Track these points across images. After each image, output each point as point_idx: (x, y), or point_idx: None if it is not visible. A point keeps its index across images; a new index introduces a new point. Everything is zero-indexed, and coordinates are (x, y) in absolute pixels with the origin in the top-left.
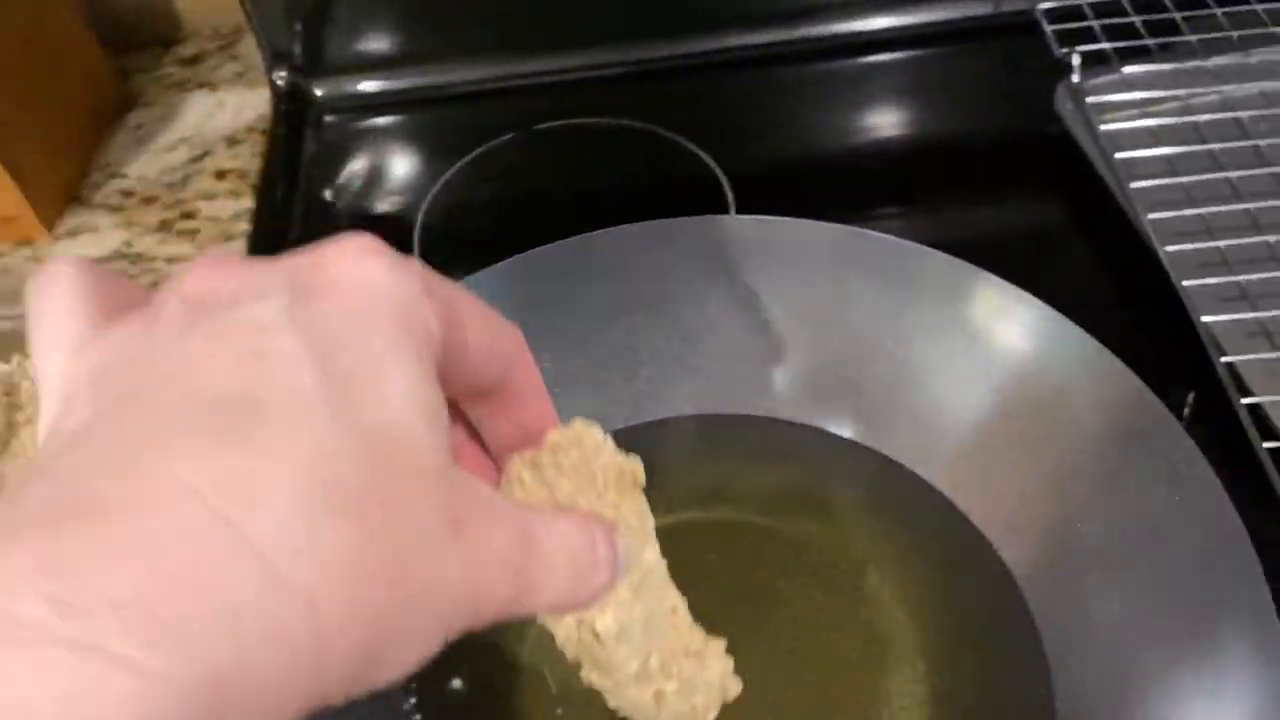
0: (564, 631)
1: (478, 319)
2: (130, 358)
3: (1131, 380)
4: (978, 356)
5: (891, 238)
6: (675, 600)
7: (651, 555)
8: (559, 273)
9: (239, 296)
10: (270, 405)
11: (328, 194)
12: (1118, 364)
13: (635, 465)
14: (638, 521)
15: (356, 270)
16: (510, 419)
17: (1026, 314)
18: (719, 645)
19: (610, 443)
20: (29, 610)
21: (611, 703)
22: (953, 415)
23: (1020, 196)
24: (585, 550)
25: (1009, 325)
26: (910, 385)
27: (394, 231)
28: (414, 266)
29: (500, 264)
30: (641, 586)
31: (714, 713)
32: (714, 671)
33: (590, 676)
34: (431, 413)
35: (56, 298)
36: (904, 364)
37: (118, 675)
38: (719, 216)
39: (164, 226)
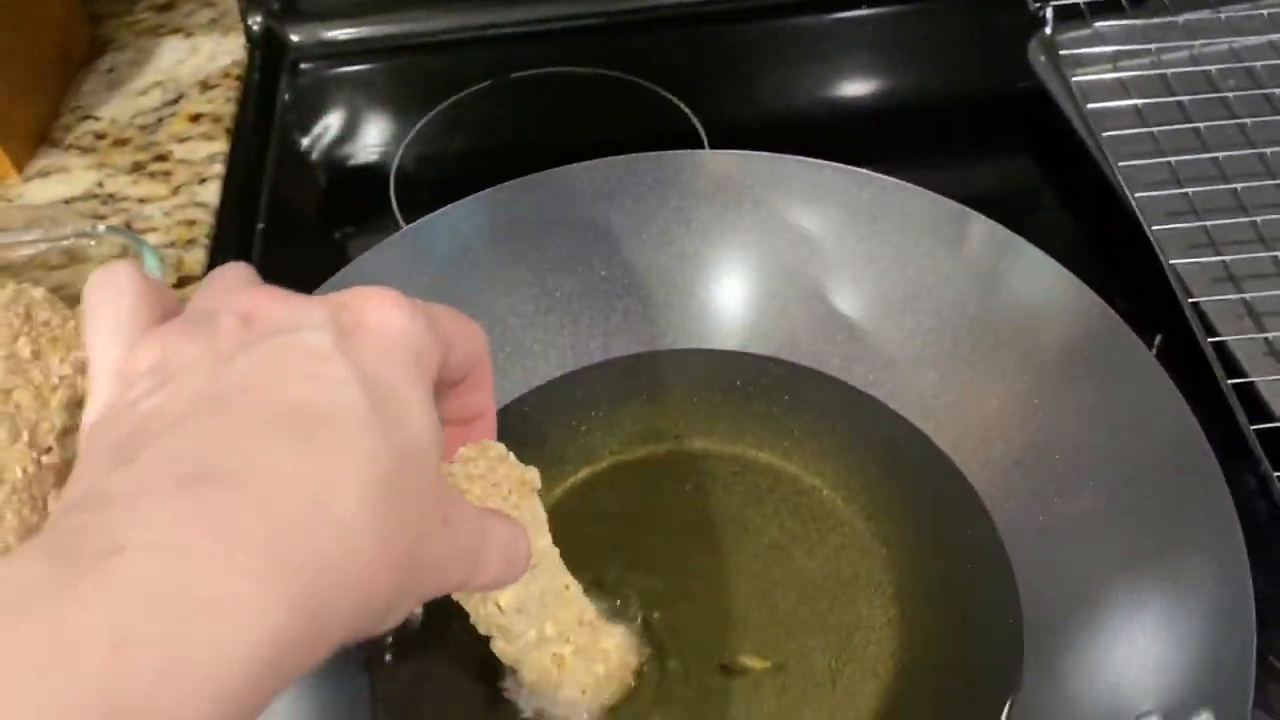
0: (474, 608)
1: (462, 336)
2: (193, 360)
3: (1098, 304)
4: (947, 287)
5: (863, 170)
6: (568, 580)
7: (544, 543)
8: (529, 207)
9: (289, 323)
10: (334, 417)
11: (303, 140)
12: (1086, 290)
13: (533, 474)
14: (533, 518)
15: (380, 316)
16: (464, 401)
17: (996, 243)
18: (615, 628)
19: (511, 456)
20: (203, 544)
21: (524, 677)
22: (922, 345)
23: (994, 147)
24: (512, 544)
25: (979, 255)
26: (880, 317)
27: (370, 177)
28: (421, 313)
29: (470, 198)
30: (536, 569)
31: (617, 685)
32: (612, 642)
33: (499, 647)
34: (436, 432)
35: (116, 296)
36: (874, 296)
37: (261, 592)
38: (692, 151)
39: (136, 168)
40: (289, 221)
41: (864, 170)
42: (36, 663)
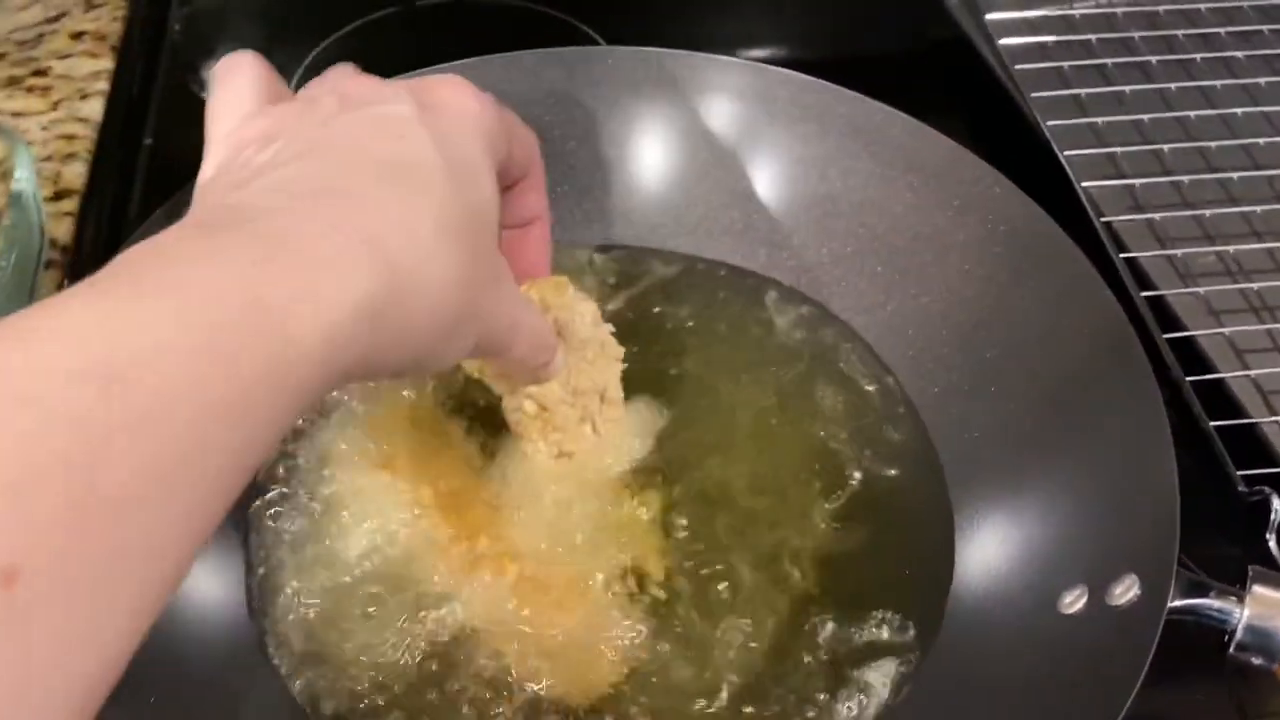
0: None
1: (523, 135)
2: (298, 126)
3: (1020, 198)
4: (877, 188)
5: (798, 74)
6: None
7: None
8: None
9: (378, 98)
10: (417, 168)
11: (195, 61)
12: (1008, 184)
13: (591, 307)
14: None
15: (456, 98)
16: (523, 201)
17: (924, 143)
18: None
19: (571, 288)
20: (320, 226)
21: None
22: (844, 244)
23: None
24: (542, 334)
25: (907, 155)
26: (812, 219)
27: None
28: (492, 103)
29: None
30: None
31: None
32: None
33: (524, 403)
34: (497, 204)
35: (237, 73)
36: (807, 197)
37: (364, 262)
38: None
39: (12, 82)
40: (178, 142)
41: (796, 73)
42: (192, 258)
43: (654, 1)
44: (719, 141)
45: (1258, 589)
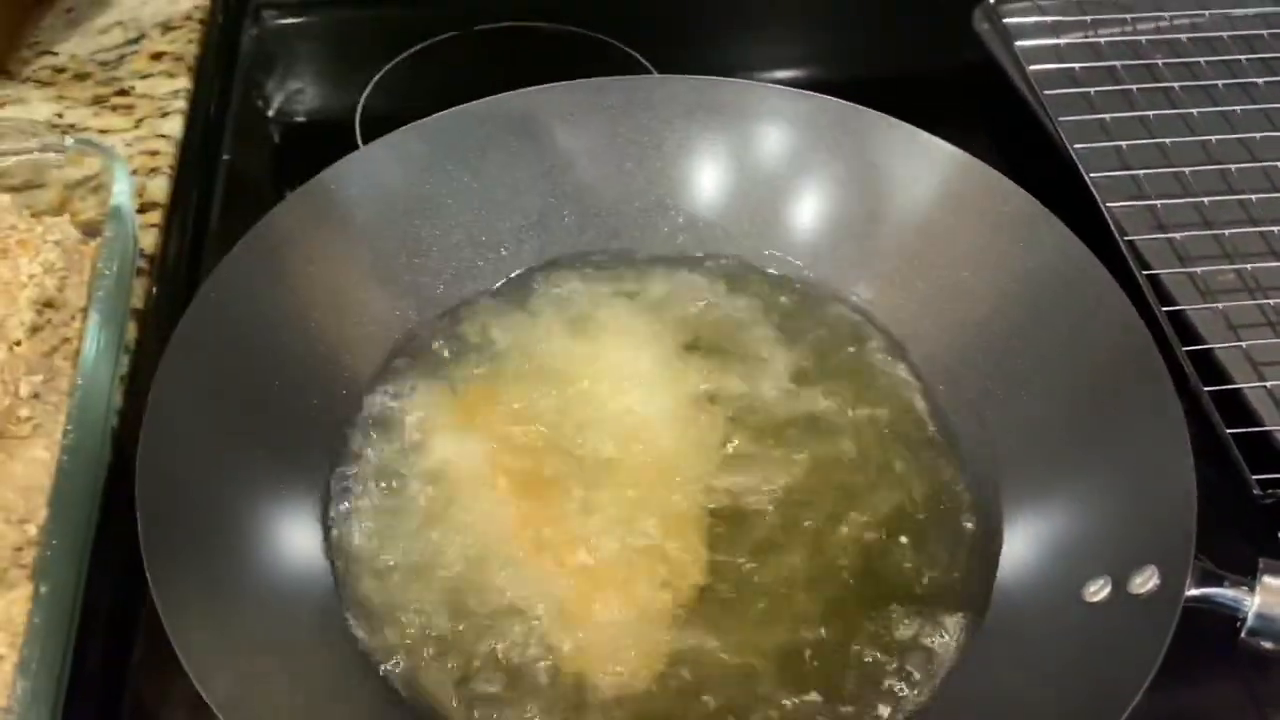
0: None
1: None
2: None
3: (1051, 220)
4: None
5: (840, 100)
6: None
7: None
8: (507, 123)
9: None
10: None
11: (266, 82)
12: (1040, 206)
13: None
14: None
15: None
16: None
17: (961, 167)
18: None
19: None
20: None
21: None
22: (893, 263)
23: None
24: None
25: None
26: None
27: (334, 117)
28: None
29: (453, 110)
30: None
31: None
32: None
33: None
34: None
35: None
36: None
37: None
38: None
39: (97, 101)
40: (253, 158)
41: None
42: None
43: (697, 25)
44: (764, 163)
45: (1268, 579)
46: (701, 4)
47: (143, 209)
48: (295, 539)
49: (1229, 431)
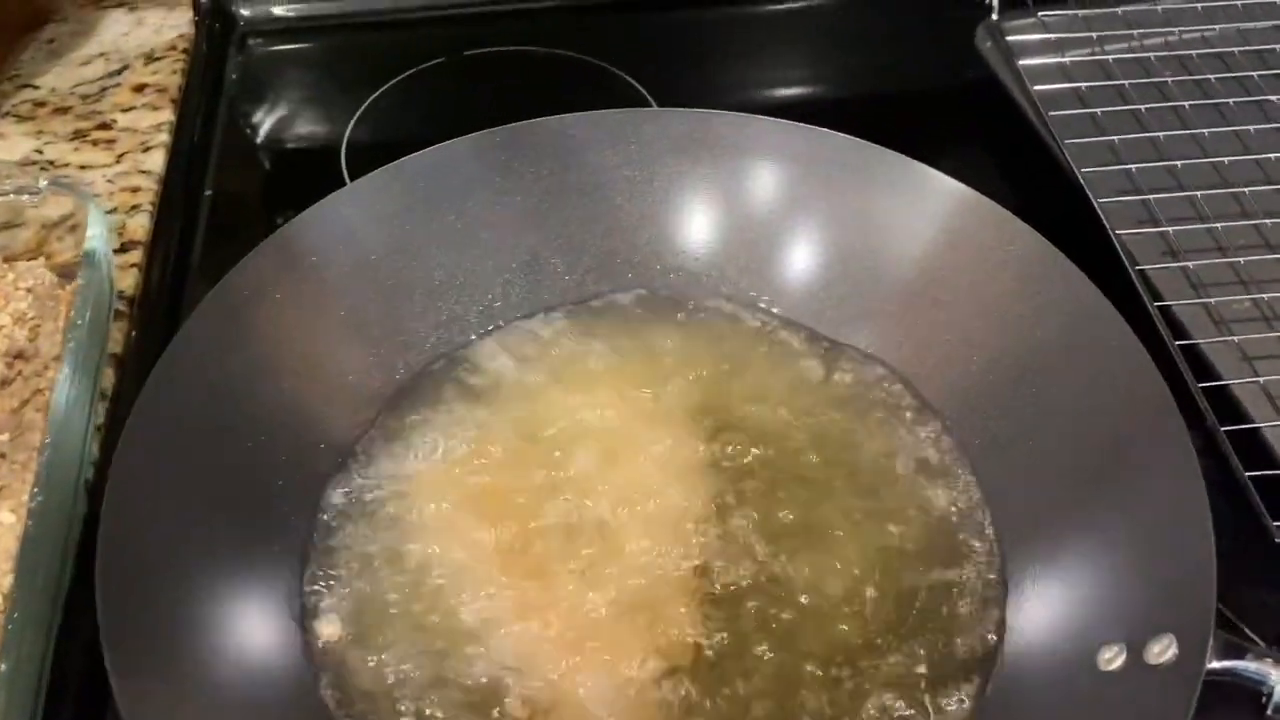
0: None
1: None
2: None
3: (1041, 243)
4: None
5: (840, 134)
6: None
7: None
8: (492, 159)
9: None
10: None
11: (252, 113)
12: (1045, 243)
13: None
14: None
15: None
16: None
17: (964, 202)
18: None
19: None
20: None
21: None
22: (896, 302)
23: (943, 125)
24: None
25: (947, 213)
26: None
27: (320, 149)
28: None
29: (434, 148)
30: None
31: None
32: None
33: None
34: None
35: None
36: (847, 251)
37: None
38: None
39: (78, 135)
40: (238, 191)
41: (825, 130)
42: None
43: (696, 46)
44: (760, 201)
45: None
46: (699, 24)
47: (123, 248)
48: (267, 626)
49: (1248, 474)
